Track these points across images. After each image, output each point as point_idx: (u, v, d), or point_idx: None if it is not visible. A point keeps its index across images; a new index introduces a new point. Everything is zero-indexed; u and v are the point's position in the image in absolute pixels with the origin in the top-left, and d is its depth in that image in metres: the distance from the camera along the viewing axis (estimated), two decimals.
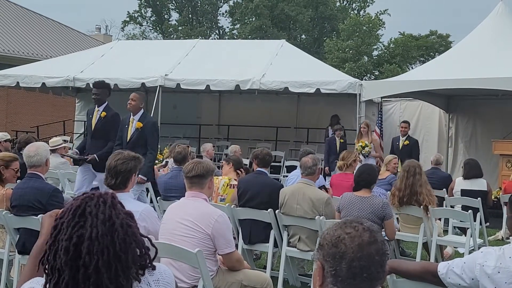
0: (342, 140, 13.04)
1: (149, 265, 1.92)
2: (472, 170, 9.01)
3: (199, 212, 4.36)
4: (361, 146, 11.74)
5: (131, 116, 8.12)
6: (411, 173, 7.09)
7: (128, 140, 7.94)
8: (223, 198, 6.95)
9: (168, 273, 2.07)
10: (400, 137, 12.53)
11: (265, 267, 6.41)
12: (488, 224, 8.73)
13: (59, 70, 15.40)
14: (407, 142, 12.35)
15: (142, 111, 8.19)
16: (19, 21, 29.00)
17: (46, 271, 1.80)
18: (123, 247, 1.81)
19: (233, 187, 6.99)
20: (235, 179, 7.07)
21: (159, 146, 12.93)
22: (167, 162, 10.12)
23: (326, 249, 1.87)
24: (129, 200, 4.20)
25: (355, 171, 6.56)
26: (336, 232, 1.89)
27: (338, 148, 12.65)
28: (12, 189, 5.50)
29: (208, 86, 14.03)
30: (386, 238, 6.01)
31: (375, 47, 42.89)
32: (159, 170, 9.84)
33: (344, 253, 1.83)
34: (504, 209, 9.42)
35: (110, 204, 1.86)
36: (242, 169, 7.33)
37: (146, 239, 1.95)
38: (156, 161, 11.48)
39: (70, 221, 1.79)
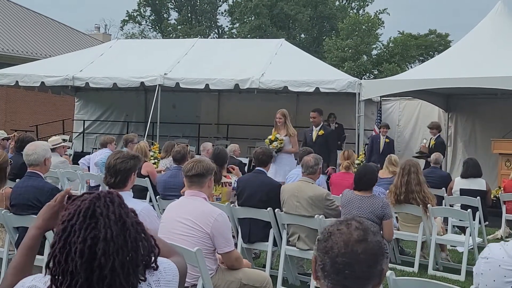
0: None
1: (153, 265, 1.91)
2: (470, 169, 9.01)
3: (199, 211, 4.37)
4: (269, 139, 9.91)
5: None
6: (406, 171, 7.11)
7: None
8: (218, 198, 6.96)
9: (169, 269, 2.06)
10: (314, 127, 10.60)
11: (264, 266, 6.42)
12: (487, 223, 8.74)
13: (58, 69, 15.41)
14: (321, 132, 10.42)
15: None
16: (19, 20, 28.99)
17: (55, 274, 1.78)
18: (134, 246, 1.82)
19: (225, 185, 7.00)
20: (225, 176, 7.10)
21: (158, 144, 12.99)
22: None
23: (319, 244, 1.89)
24: (129, 199, 4.20)
25: (355, 172, 6.57)
26: (331, 228, 1.91)
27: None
28: (11, 188, 5.50)
29: (207, 85, 14.04)
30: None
31: (374, 46, 42.92)
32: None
33: (330, 248, 1.85)
34: (503, 207, 9.44)
35: (118, 204, 1.86)
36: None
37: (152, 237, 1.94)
38: (155, 160, 11.49)
39: (82, 223, 1.77)
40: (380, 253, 1.88)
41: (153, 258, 1.91)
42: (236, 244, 5.93)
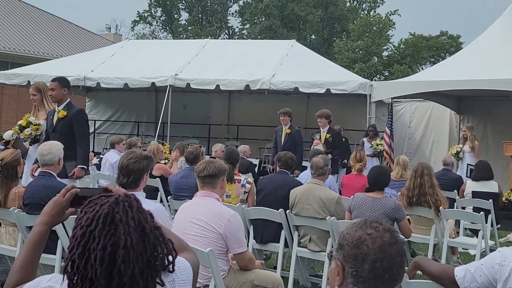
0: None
1: (169, 268, 1.90)
2: (480, 172, 8.97)
3: (212, 212, 4.37)
4: (19, 126, 7.61)
5: None
6: (419, 173, 7.08)
7: None
8: (228, 195, 6.97)
9: (183, 268, 2.04)
10: (56, 107, 7.30)
11: (274, 267, 6.41)
12: (499, 226, 8.68)
13: (69, 69, 15.46)
14: (63, 112, 7.17)
15: None
16: (30, 21, 29.16)
17: (73, 279, 1.77)
18: (153, 252, 1.81)
19: (235, 182, 7.01)
20: (235, 174, 7.13)
21: (168, 145, 13.00)
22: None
23: (347, 250, 1.87)
24: (141, 199, 4.20)
25: (368, 173, 6.54)
26: (357, 232, 1.89)
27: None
28: (24, 187, 5.52)
29: (218, 86, 14.06)
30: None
31: (385, 47, 42.81)
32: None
33: (366, 255, 1.83)
34: None
35: (137, 209, 1.84)
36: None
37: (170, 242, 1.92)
38: (166, 161, 11.49)
39: (101, 230, 1.75)
40: (405, 253, 1.90)
41: (170, 261, 1.89)
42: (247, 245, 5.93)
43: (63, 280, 1.83)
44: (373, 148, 12.69)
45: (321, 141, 10.66)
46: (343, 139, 12.80)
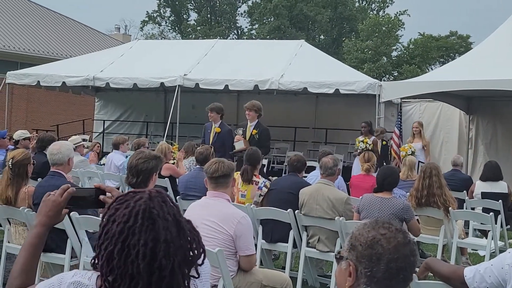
0: (384, 143, 12.48)
1: (201, 261, 1.91)
2: (488, 172, 8.93)
3: (222, 213, 4.37)
4: None
5: None
6: (427, 174, 7.06)
7: None
8: (243, 194, 6.97)
9: (205, 261, 2.06)
10: None
11: (283, 268, 6.41)
12: (508, 226, 8.64)
13: (79, 70, 15.53)
14: None
15: None
16: (40, 21, 29.30)
17: (108, 275, 1.77)
18: (187, 245, 1.83)
19: (253, 183, 7.01)
20: (255, 175, 7.13)
21: (177, 145, 13.03)
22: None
23: (360, 250, 1.87)
24: None
25: (377, 174, 6.54)
26: (370, 233, 1.89)
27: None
28: (34, 186, 5.55)
29: (226, 86, 14.07)
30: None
31: (395, 47, 42.73)
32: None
33: (381, 255, 1.84)
34: None
35: (170, 203, 1.86)
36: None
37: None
38: (174, 161, 11.53)
39: (141, 226, 1.77)
40: (417, 253, 1.91)
41: (202, 255, 1.91)
42: (255, 245, 5.93)
43: (97, 277, 1.83)
44: (355, 145, 11.85)
45: (243, 137, 9.46)
46: (386, 143, 12.42)
